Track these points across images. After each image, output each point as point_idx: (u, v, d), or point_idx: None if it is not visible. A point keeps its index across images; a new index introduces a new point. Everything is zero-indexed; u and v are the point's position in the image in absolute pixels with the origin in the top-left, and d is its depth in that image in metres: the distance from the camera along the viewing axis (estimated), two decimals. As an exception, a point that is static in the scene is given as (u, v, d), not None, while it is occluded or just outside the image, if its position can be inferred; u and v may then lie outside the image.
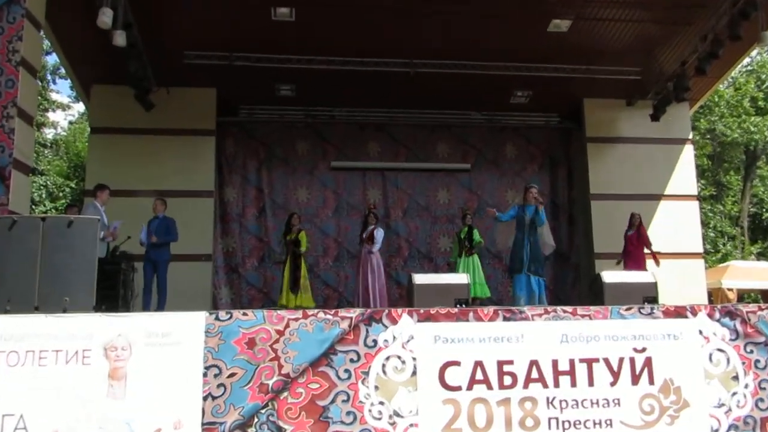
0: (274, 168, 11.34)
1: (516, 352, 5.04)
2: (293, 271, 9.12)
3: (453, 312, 5.08)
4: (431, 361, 4.91)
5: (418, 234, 11.43)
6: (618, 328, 5.20)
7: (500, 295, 11.25)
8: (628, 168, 11.30)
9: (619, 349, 5.14)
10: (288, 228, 9.42)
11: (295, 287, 9.05)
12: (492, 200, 11.60)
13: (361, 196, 11.39)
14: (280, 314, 4.84)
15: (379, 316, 4.96)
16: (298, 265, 9.25)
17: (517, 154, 11.93)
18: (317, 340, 4.81)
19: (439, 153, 11.78)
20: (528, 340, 5.08)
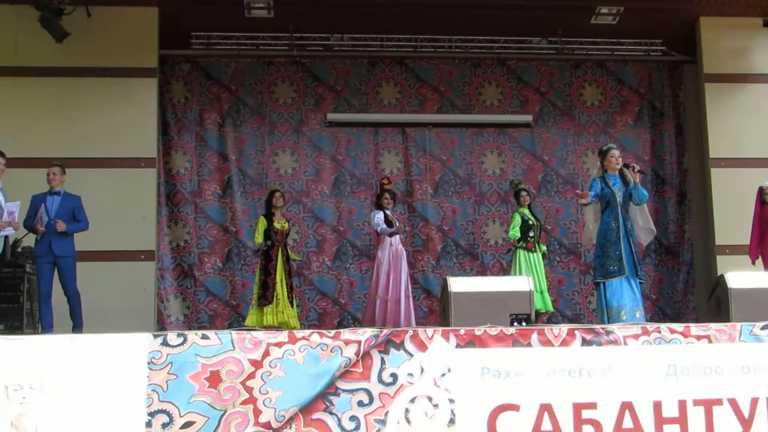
0: (244, 124, 11.37)
1: (601, 391, 5.07)
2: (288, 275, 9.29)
3: (508, 333, 5.11)
4: (477, 405, 4.95)
5: (457, 219, 11.45)
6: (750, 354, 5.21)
7: (576, 308, 11.27)
8: (765, 119, 11.23)
9: (752, 385, 5.15)
10: (270, 211, 9.50)
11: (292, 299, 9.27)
12: (565, 168, 11.62)
13: (372, 165, 11.43)
14: (257, 337, 4.89)
15: (401, 340, 5.00)
16: (292, 267, 9.46)
17: (602, 100, 11.89)
18: (311, 375, 4.86)
19: (486, 100, 11.77)
20: (618, 374, 5.11)
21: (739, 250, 10.09)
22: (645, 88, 11.98)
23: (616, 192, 7.83)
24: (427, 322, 10.63)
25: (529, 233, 9.63)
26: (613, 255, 7.74)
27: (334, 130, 11.46)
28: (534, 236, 9.64)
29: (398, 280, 9.36)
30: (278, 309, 9.07)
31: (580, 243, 11.32)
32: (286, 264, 9.28)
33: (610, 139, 11.46)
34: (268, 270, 9.20)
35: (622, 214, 7.79)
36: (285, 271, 9.24)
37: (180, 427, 4.70)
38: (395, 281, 9.34)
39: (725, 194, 11.03)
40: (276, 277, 9.15)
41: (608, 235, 7.79)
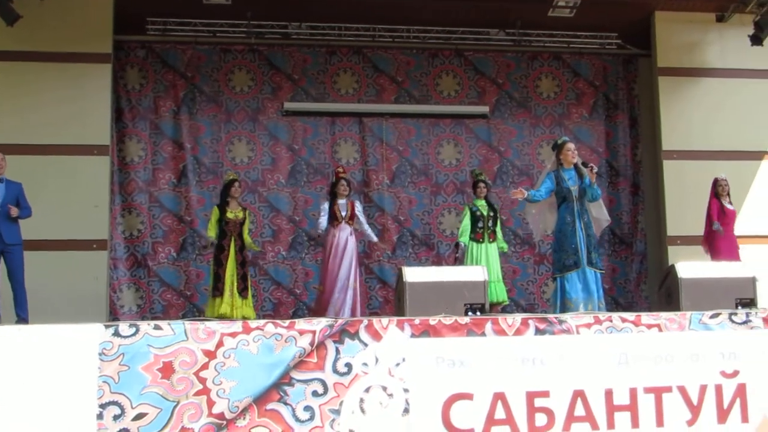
0: (200, 112, 11.27)
1: (553, 380, 5.12)
2: (241, 266, 9.27)
3: (462, 323, 5.14)
4: (431, 394, 4.97)
5: (413, 210, 11.47)
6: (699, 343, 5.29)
7: (530, 299, 11.36)
8: (717, 113, 11.39)
9: (701, 373, 5.24)
10: (225, 201, 9.50)
11: (244, 290, 9.25)
12: (521, 159, 11.69)
13: (328, 154, 11.40)
14: (210, 327, 4.87)
15: (356, 330, 5.00)
16: (246, 257, 9.41)
17: (557, 92, 11.97)
18: (265, 365, 4.85)
19: (443, 90, 11.79)
20: (571, 363, 5.16)
21: (690, 241, 10.27)
22: (600, 80, 12.07)
23: (572, 187, 7.93)
24: (382, 312, 10.65)
25: (478, 224, 9.72)
26: (569, 249, 7.88)
27: (290, 119, 11.40)
28: (483, 227, 9.71)
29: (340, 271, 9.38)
30: (226, 299, 9.07)
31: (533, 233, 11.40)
32: (239, 254, 9.25)
33: (566, 131, 11.55)
34: (219, 260, 9.19)
35: (577, 209, 7.93)
36: (237, 261, 9.21)
37: (132, 419, 4.66)
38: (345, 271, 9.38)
39: (677, 186, 11.18)
40: (227, 268, 9.13)
41: (564, 230, 7.93)
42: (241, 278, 9.23)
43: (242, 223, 9.40)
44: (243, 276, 9.28)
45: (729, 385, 5.28)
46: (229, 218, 9.32)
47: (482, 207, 9.88)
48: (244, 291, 9.25)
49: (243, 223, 9.42)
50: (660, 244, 11.37)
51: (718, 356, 5.31)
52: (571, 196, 7.97)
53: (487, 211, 9.85)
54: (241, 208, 9.56)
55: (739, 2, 11.26)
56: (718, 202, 9.61)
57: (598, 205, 8.20)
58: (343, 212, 9.63)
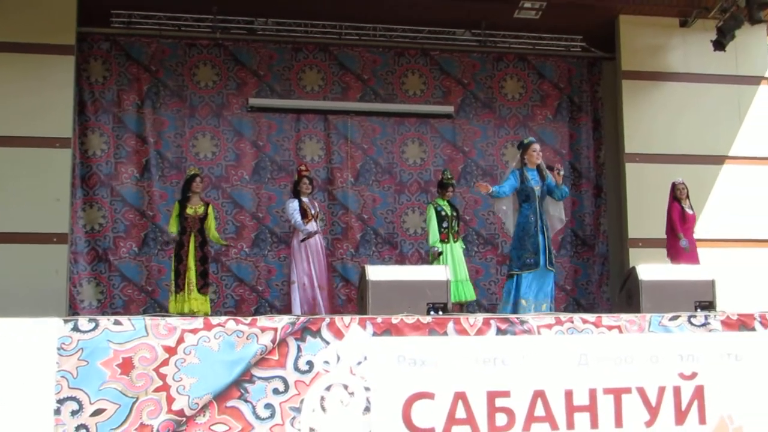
0: (163, 106, 11.20)
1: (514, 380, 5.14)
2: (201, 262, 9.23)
3: (424, 322, 5.14)
4: (392, 393, 4.98)
5: (377, 208, 11.48)
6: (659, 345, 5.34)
7: (493, 299, 11.40)
8: (679, 117, 11.51)
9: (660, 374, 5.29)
10: (186, 196, 9.48)
11: (205, 286, 9.23)
12: (485, 160, 11.73)
13: (293, 151, 11.37)
14: (171, 323, 4.84)
15: (318, 328, 4.99)
16: (207, 253, 9.36)
17: (522, 93, 12.03)
18: (225, 362, 4.82)
19: (409, 90, 11.80)
20: (531, 363, 5.19)
21: (651, 243, 10.38)
22: (564, 82, 12.16)
23: (535, 187, 8.01)
24: (344, 311, 10.64)
25: (443, 224, 9.79)
26: (530, 248, 7.96)
27: (255, 116, 11.36)
28: (449, 227, 9.76)
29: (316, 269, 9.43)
30: (190, 296, 9.04)
31: (497, 234, 11.48)
32: (199, 250, 9.22)
33: (530, 132, 11.62)
34: (180, 256, 9.18)
35: (539, 208, 8.04)
36: (197, 257, 9.18)
37: (90, 414, 4.61)
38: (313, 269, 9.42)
39: (639, 189, 11.27)
40: (187, 264, 9.10)
41: (527, 228, 8.00)
42: (200, 274, 9.19)
43: (202, 219, 9.36)
44: (203, 272, 9.23)
45: (687, 386, 5.34)
46: (189, 214, 9.30)
47: (445, 206, 9.93)
48: (204, 288, 9.21)
49: (204, 219, 9.37)
50: (621, 246, 11.47)
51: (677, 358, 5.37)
52: (533, 195, 8.07)
53: (450, 211, 9.91)
54: (203, 204, 9.51)
55: (702, 8, 11.40)
56: (679, 206, 9.73)
57: (557, 204, 8.27)
58: (312, 210, 9.63)
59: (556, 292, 11.25)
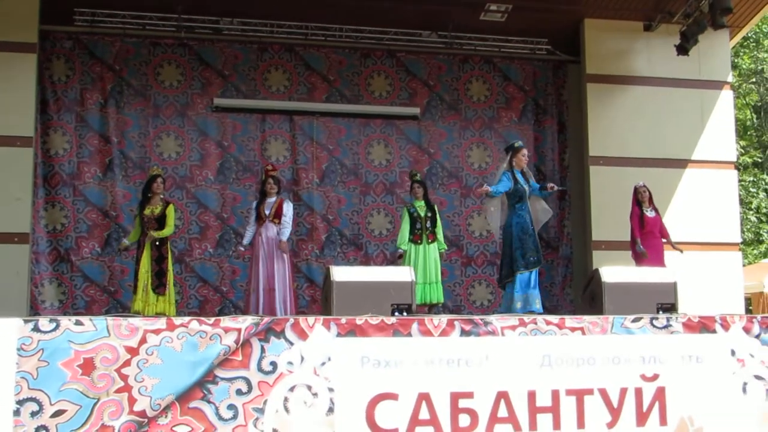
0: (127, 105, 11.12)
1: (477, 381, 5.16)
2: (157, 262, 9.14)
3: (389, 323, 5.15)
4: (356, 394, 4.98)
5: (342, 209, 11.48)
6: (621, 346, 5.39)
7: (457, 300, 11.45)
8: (643, 120, 11.64)
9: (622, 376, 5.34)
10: (146, 197, 9.40)
11: (160, 287, 9.12)
12: (450, 162, 11.78)
13: (258, 152, 11.34)
14: (133, 324, 4.81)
15: (281, 328, 4.98)
16: (164, 253, 9.26)
17: (488, 95, 12.09)
18: (188, 363, 4.80)
19: (375, 91, 11.82)
20: (495, 364, 5.21)
21: (614, 246, 10.49)
22: (530, 85, 12.24)
23: (525, 187, 8.52)
24: (309, 312, 10.63)
25: (416, 225, 9.79)
26: (532, 246, 8.43)
27: (220, 116, 11.32)
28: (422, 228, 9.78)
29: (272, 270, 9.37)
30: (141, 297, 8.99)
31: (462, 236, 11.55)
32: (154, 250, 9.14)
33: (495, 135, 11.74)
34: (137, 257, 9.15)
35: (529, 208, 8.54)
36: (152, 258, 9.11)
37: (50, 415, 4.57)
38: (269, 271, 9.36)
39: (603, 191, 11.38)
40: (142, 264, 9.06)
41: (525, 228, 8.46)
42: (155, 275, 9.12)
43: (159, 219, 9.24)
44: (159, 272, 9.16)
45: (649, 388, 5.39)
46: (146, 214, 9.24)
47: (420, 208, 9.93)
48: (159, 288, 9.11)
49: (160, 218, 9.24)
50: (585, 248, 11.57)
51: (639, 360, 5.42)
52: (525, 196, 8.49)
53: (425, 212, 9.89)
54: (162, 204, 9.39)
55: (666, 12, 11.53)
56: (639, 210, 9.84)
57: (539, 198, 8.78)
58: (268, 211, 9.57)
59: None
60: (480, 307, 11.49)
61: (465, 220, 11.68)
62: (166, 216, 9.29)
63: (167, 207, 9.37)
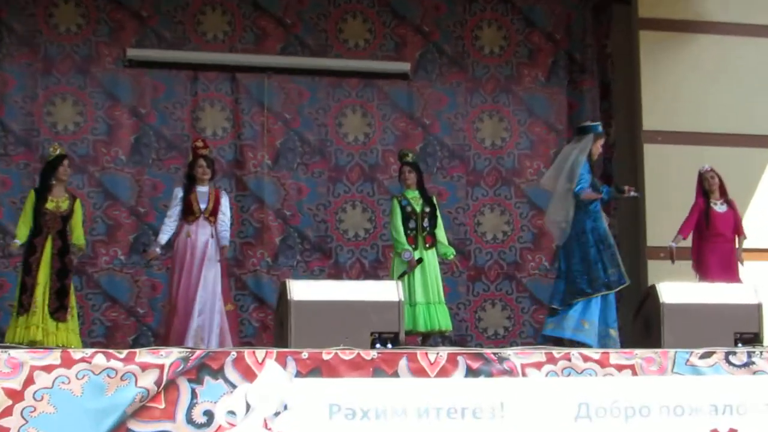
0: (8, 58, 11.09)
1: (489, 439, 5.19)
2: (59, 276, 9.13)
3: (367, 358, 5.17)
4: (322, 456, 5.00)
5: (303, 201, 11.48)
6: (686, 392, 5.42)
7: (461, 328, 11.45)
8: (717, 82, 11.70)
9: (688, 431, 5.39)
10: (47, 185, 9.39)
11: (60, 309, 9.09)
12: (453, 137, 11.78)
13: (188, 123, 11.34)
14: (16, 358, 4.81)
15: (219, 365, 5.00)
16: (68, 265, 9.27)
17: (504, 46, 12.10)
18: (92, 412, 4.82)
19: (348, 40, 11.82)
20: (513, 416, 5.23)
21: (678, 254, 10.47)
22: (561, 33, 12.24)
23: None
24: (257, 342, 10.63)
25: (409, 224, 9.68)
26: (613, 260, 8.69)
27: (135, 72, 11.28)
28: (417, 228, 9.68)
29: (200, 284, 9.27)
30: (32, 321, 8.93)
31: (469, 239, 11.54)
32: (58, 260, 9.11)
33: (513, 100, 11.75)
34: (29, 266, 9.06)
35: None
36: (53, 269, 9.08)
37: None
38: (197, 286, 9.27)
39: (662, 179, 11.42)
40: (39, 277, 9.01)
41: (605, 237, 8.78)
42: (56, 293, 9.08)
43: (65, 217, 9.24)
44: (60, 290, 9.11)
45: (723, 447, 5.44)
46: (48, 209, 9.18)
47: (414, 200, 9.77)
48: (59, 312, 9.05)
49: (67, 217, 9.26)
50: (637, 256, 11.57)
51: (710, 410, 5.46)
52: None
53: (421, 206, 9.76)
54: (68, 197, 9.38)
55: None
56: (704, 203, 9.83)
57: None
58: (203, 204, 9.50)
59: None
60: (493, 337, 11.49)
61: (473, 218, 11.67)
62: (74, 214, 9.25)
63: (75, 202, 9.33)
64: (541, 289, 11.52)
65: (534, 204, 11.68)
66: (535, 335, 11.35)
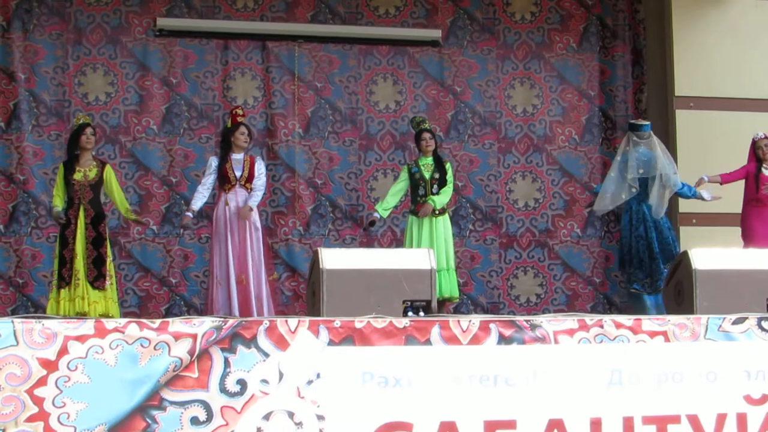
0: (38, 29, 11.12)
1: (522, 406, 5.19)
2: (94, 245, 9.19)
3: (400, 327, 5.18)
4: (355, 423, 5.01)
5: (334, 170, 11.49)
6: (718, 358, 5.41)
7: (494, 296, 11.47)
8: (752, 46, 11.62)
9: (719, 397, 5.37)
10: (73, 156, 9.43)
11: (99, 278, 9.16)
12: (484, 105, 11.76)
13: (219, 92, 11.36)
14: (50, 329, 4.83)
15: (252, 334, 5.01)
16: (102, 233, 9.32)
17: (535, 12, 12.06)
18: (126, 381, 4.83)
19: (378, 7, 11.79)
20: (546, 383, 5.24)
21: (710, 220, 10.47)
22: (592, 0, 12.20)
23: None
24: (289, 310, 10.67)
25: (418, 191, 9.79)
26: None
27: (166, 42, 11.31)
28: (426, 195, 9.73)
29: (244, 254, 9.33)
30: (77, 293, 8.98)
31: (500, 206, 11.54)
32: (91, 228, 9.16)
33: (546, 67, 11.74)
34: (65, 238, 9.11)
35: None
36: (88, 238, 9.13)
37: (-63, 453, 4.63)
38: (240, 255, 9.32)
39: (694, 144, 11.38)
40: (76, 248, 9.05)
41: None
42: (93, 262, 9.14)
43: (96, 185, 9.28)
44: (97, 258, 9.18)
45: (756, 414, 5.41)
46: (76, 179, 9.23)
47: (426, 167, 9.86)
48: (98, 280, 9.15)
49: (97, 185, 9.30)
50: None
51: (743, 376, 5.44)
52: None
53: (431, 173, 9.84)
54: (96, 164, 9.43)
55: None
56: (755, 168, 9.75)
57: None
58: (238, 172, 9.52)
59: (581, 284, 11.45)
60: (525, 304, 11.52)
61: (504, 186, 11.66)
62: (106, 181, 9.30)
63: (104, 169, 9.39)
64: (573, 256, 11.57)
65: (566, 171, 11.68)
66: (567, 302, 11.38)
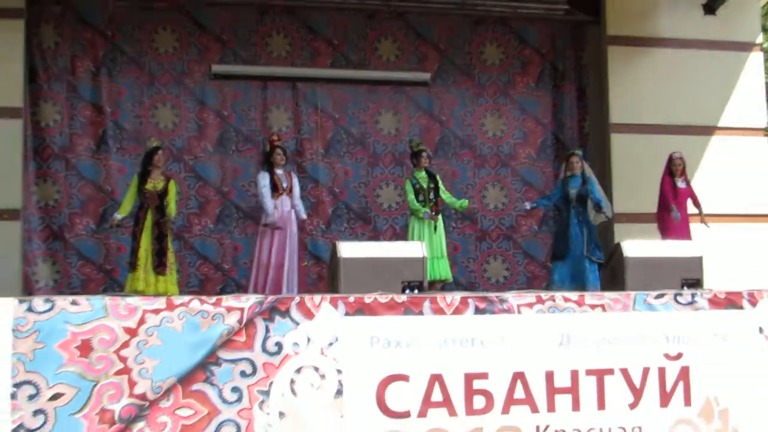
0: (121, 74, 11.11)
1: (493, 362, 5.22)
2: (157, 240, 9.28)
3: (399, 301, 5.21)
4: (365, 375, 5.05)
5: (349, 181, 11.50)
6: (643, 324, 5.44)
7: (471, 277, 11.50)
8: (667, 85, 11.58)
9: (644, 355, 5.39)
10: (146, 170, 9.49)
11: (160, 266, 9.26)
12: (463, 130, 11.77)
13: (259, 121, 11.36)
14: (132, 303, 4.87)
15: (287, 307, 5.04)
16: (164, 231, 9.37)
17: (502, 59, 12.04)
18: (190, 344, 4.87)
19: (382, 55, 11.79)
20: (511, 344, 5.26)
21: (638, 219, 10.49)
22: (547, 48, 12.17)
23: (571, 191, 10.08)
24: (315, 290, 10.67)
25: (419, 197, 9.93)
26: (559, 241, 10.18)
27: (218, 83, 11.29)
28: (425, 200, 9.88)
29: (283, 245, 9.48)
30: (138, 275, 9.13)
31: (477, 208, 11.56)
32: (155, 227, 9.27)
33: (511, 102, 11.74)
34: (135, 234, 9.28)
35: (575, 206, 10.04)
36: (153, 235, 9.24)
37: (48, 398, 4.65)
38: (281, 246, 9.48)
39: (625, 161, 11.37)
40: (141, 242, 9.19)
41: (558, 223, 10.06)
42: (156, 253, 9.25)
43: (161, 195, 9.38)
44: (159, 251, 9.28)
45: (672, 367, 5.44)
46: (147, 189, 9.35)
47: (422, 179, 10.02)
48: (160, 267, 9.26)
49: (163, 195, 9.39)
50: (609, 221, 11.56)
51: (662, 338, 5.46)
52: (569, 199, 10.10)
53: (427, 183, 9.99)
54: (163, 179, 9.51)
55: (692, -31, 11.46)
56: (670, 181, 9.81)
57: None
58: (284, 183, 9.71)
59: (537, 268, 11.43)
60: (495, 284, 11.52)
61: (479, 192, 11.68)
62: (168, 192, 9.40)
63: (169, 182, 9.48)
64: (532, 246, 11.66)
65: (526, 181, 11.76)
66: (527, 282, 11.43)
